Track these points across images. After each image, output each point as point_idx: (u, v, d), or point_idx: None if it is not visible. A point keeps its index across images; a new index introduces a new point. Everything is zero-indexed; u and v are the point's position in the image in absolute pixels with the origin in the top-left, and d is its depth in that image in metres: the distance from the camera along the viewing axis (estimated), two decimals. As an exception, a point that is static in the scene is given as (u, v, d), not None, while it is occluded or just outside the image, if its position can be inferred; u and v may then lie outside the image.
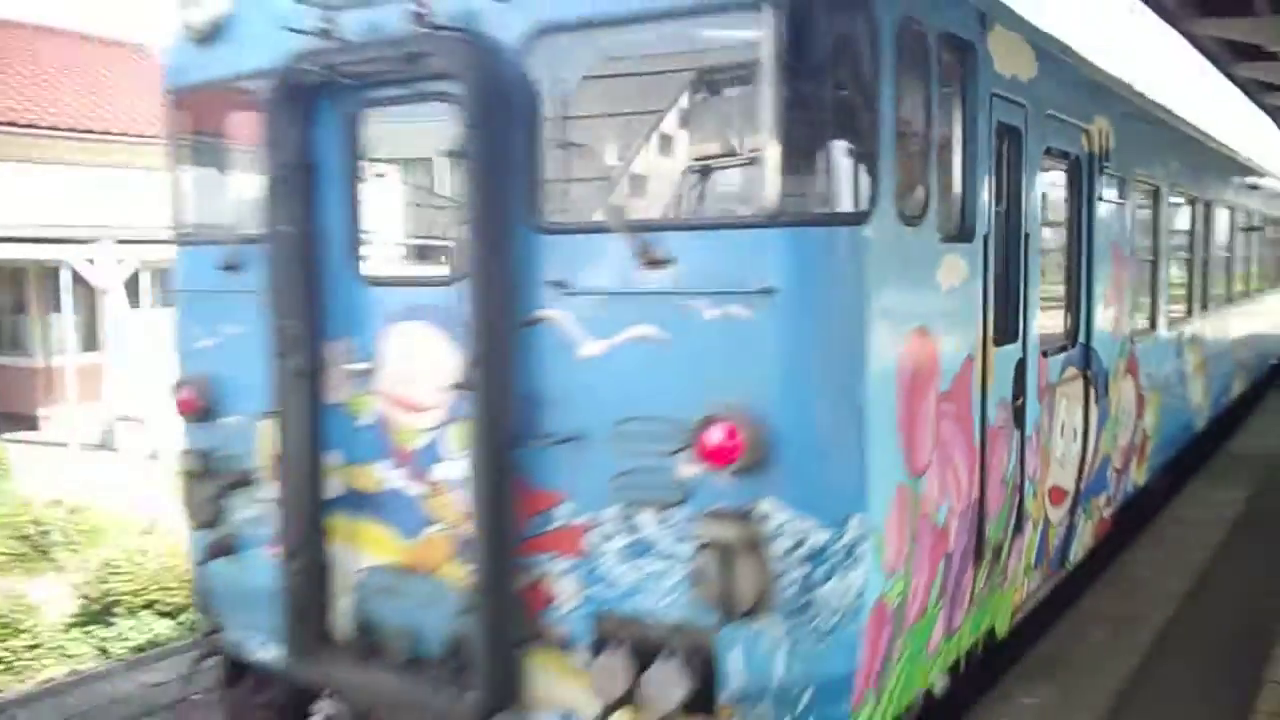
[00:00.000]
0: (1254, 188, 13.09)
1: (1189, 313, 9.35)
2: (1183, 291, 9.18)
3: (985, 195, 4.74)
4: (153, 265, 18.99)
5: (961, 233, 4.58)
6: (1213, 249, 10.39)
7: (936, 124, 4.27)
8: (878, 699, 4.08)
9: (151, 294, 19.96)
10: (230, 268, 4.80)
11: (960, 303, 4.62)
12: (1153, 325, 7.96)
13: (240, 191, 5.24)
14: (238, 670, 5.17)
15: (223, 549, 5.01)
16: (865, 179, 3.87)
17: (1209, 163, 10.24)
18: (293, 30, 4.41)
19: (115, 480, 14.91)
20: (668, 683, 3.80)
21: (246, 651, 5.05)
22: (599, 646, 4.01)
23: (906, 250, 4.14)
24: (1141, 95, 7.90)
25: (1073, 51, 6.28)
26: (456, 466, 4.26)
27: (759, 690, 3.82)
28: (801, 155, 3.76)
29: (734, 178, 4.16)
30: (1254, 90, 14.39)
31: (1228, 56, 11.99)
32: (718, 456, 3.71)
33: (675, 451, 3.81)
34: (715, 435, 3.69)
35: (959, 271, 4.56)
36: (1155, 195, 7.94)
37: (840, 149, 3.85)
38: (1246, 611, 5.95)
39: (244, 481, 4.92)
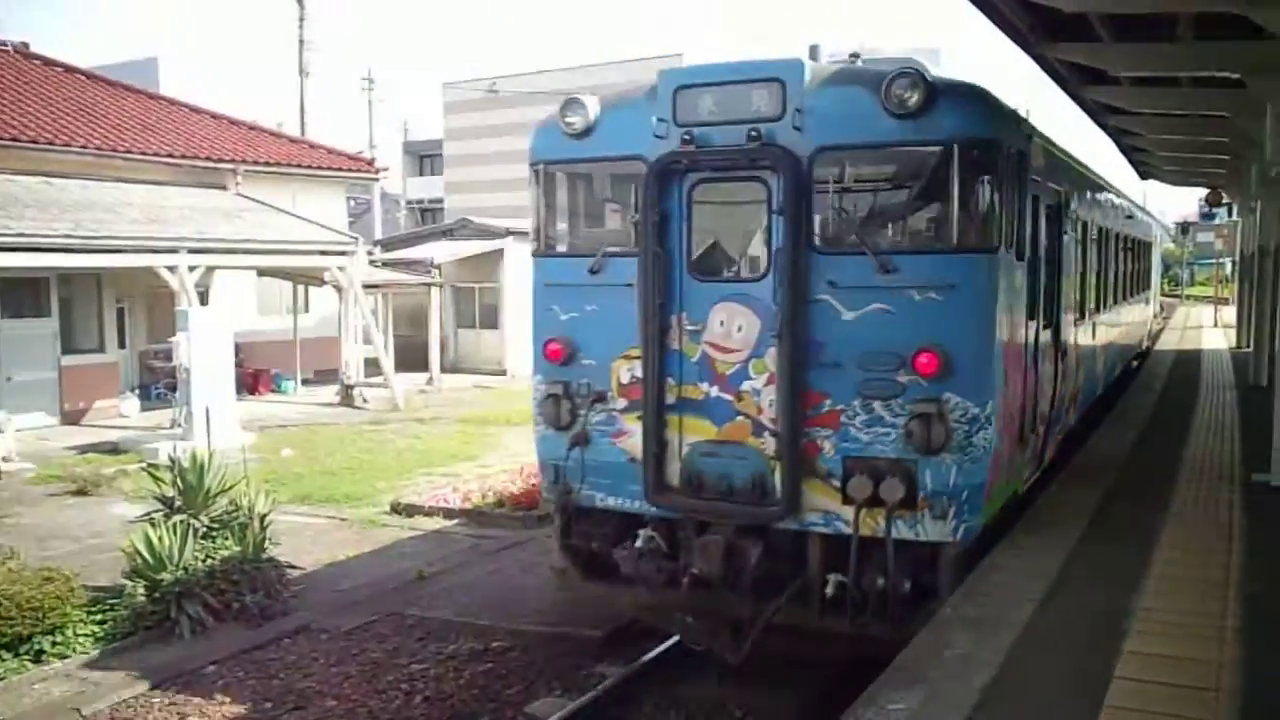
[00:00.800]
0: (1129, 217, 16.85)
1: (1098, 309, 12.75)
2: (1095, 294, 12.51)
3: (1028, 235, 7.97)
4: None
5: (1021, 256, 7.76)
6: (1108, 265, 13.71)
7: (1014, 198, 7.44)
8: (989, 502, 7.24)
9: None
10: (594, 271, 7.72)
11: (1022, 295, 7.86)
12: (1083, 316, 11.34)
13: (590, 225, 8.55)
14: (579, 514, 7.93)
15: (580, 441, 7.77)
16: (995, 228, 7.06)
17: (1106, 200, 13.52)
18: (660, 137, 7.37)
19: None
20: (892, 489, 6.83)
21: (593, 502, 7.82)
22: (847, 476, 7.00)
23: (1007, 266, 7.31)
24: (1079, 161, 11.12)
25: (1058, 145, 9.64)
26: (754, 383, 7.30)
27: (940, 492, 6.89)
28: (967, 216, 6.96)
29: (932, 227, 7.31)
30: (1098, 112, 15.12)
31: (1076, 80, 12.56)
32: (924, 370, 6.81)
33: (897, 369, 6.89)
34: (923, 360, 6.80)
35: (1021, 278, 7.79)
36: (1084, 229, 11.16)
37: (984, 213, 7.02)
38: (1098, 612, 6.21)
39: (599, 399, 7.74)
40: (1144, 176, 26.87)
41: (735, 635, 7.46)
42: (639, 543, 7.58)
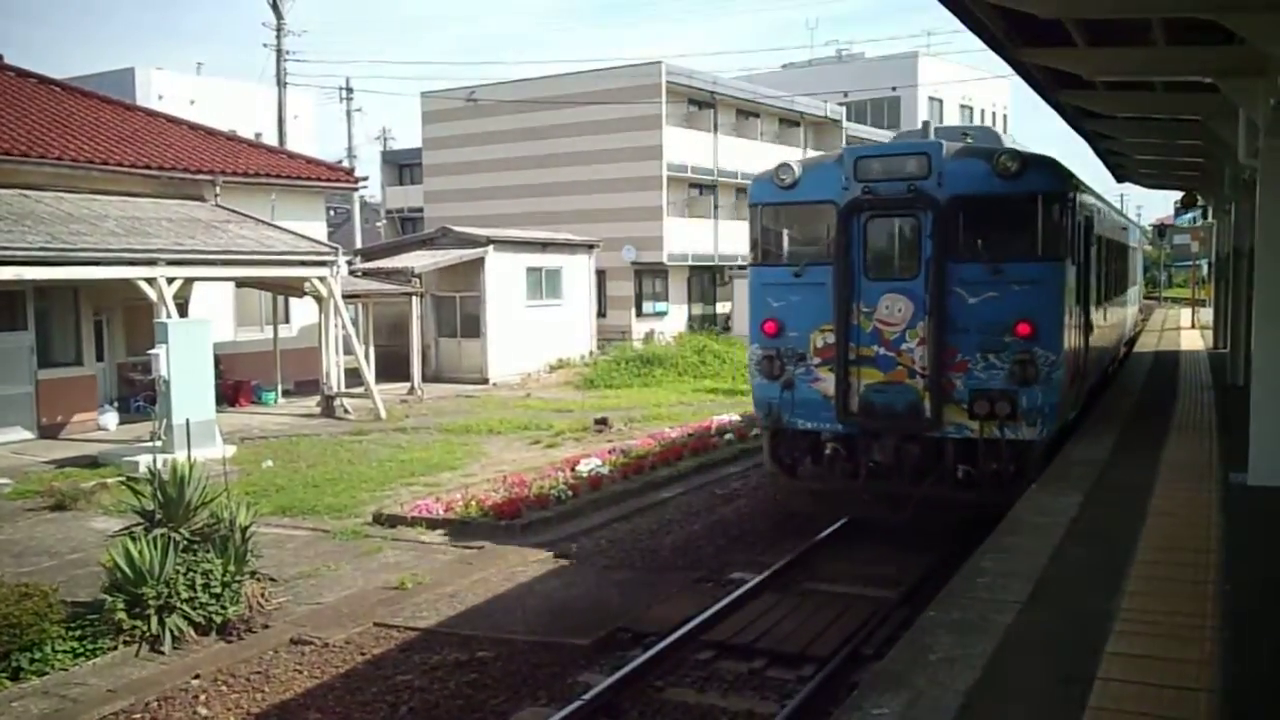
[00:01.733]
0: (1124, 229, 21.51)
1: (1107, 298, 16.24)
2: (1104, 289, 15.74)
3: (1077, 247, 11.50)
4: None
5: (1074, 262, 11.29)
6: (1111, 266, 17.00)
7: (1070, 226, 10.97)
8: (1059, 416, 11.17)
9: None
10: (797, 275, 11.47)
11: (1073, 288, 11.39)
12: (1099, 302, 14.58)
13: (795, 245, 11.90)
14: (786, 433, 11.81)
15: (787, 385, 11.49)
16: (1062, 245, 10.74)
17: (1108, 215, 16.84)
18: (845, 189, 11.06)
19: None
20: (1003, 408, 10.50)
21: (796, 425, 11.63)
22: (972, 401, 10.62)
23: (1068, 269, 10.93)
24: (1097, 193, 14.41)
25: (1088, 186, 12.88)
26: (909, 345, 10.94)
27: (1031, 408, 10.55)
28: (1046, 237, 10.67)
29: (1024, 244, 10.78)
30: (1074, 116, 15.23)
31: (1052, 84, 12.64)
32: (1021, 333, 10.45)
33: (1004, 333, 10.49)
34: (1020, 327, 10.45)
35: (1073, 277, 11.31)
36: (1099, 240, 14.24)
37: (1057, 236, 10.73)
38: (1080, 613, 6.24)
39: (800, 359, 11.45)
40: (1120, 179, 27.06)
41: (896, 506, 11.25)
42: (827, 451, 11.57)
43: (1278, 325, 9.88)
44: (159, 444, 16.47)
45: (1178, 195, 31.82)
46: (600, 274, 35.00)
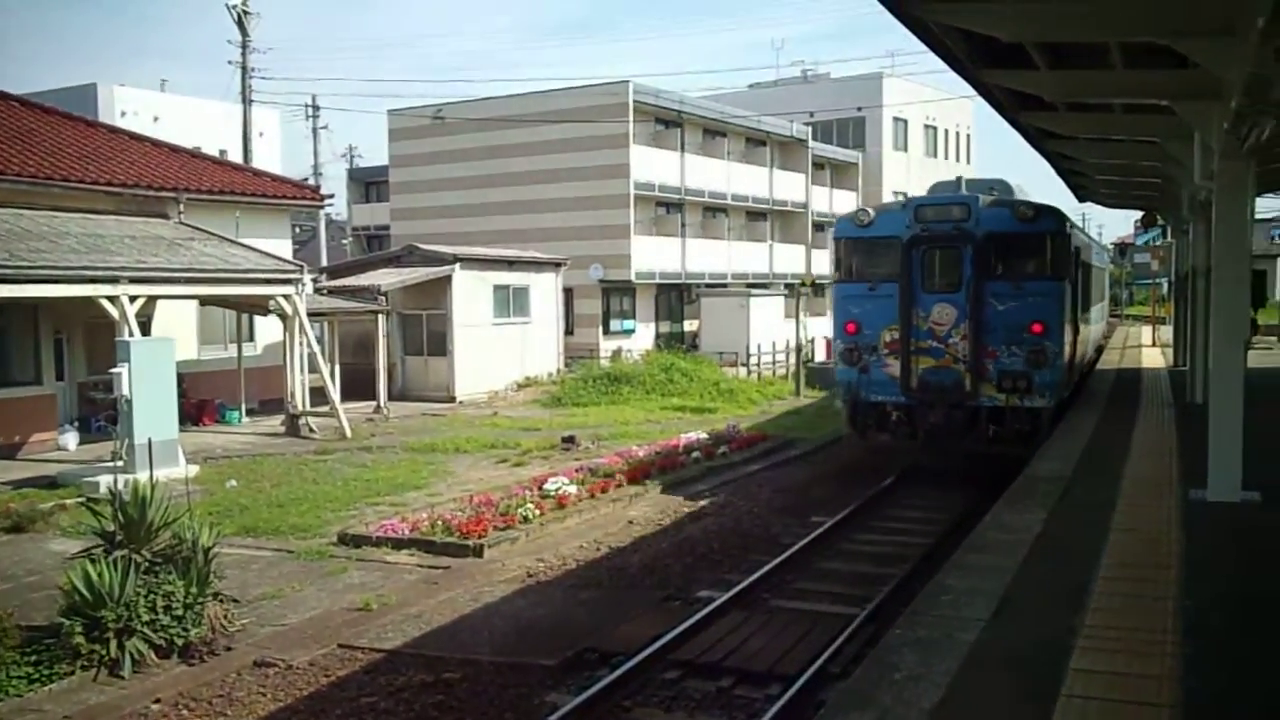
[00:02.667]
0: (1097, 253, 25.90)
1: (1087, 310, 19.97)
2: (1084, 302, 19.15)
3: (1072, 271, 16.20)
4: None
5: (1071, 282, 16.11)
6: (1088, 285, 20.23)
7: (1068, 255, 15.71)
8: (1060, 391, 15.81)
9: None
10: (871, 289, 15.87)
11: (1071, 301, 16.10)
12: (1083, 313, 18.33)
13: (870, 268, 16.06)
14: (861, 404, 16.23)
15: (863, 370, 15.91)
16: (1064, 268, 15.44)
17: (1086, 242, 20.55)
18: (908, 228, 15.55)
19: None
20: (1021, 385, 15.03)
21: (869, 399, 16.05)
22: (1000, 379, 15.11)
23: (1068, 287, 15.76)
24: (1082, 228, 18.43)
25: (1077, 224, 17.06)
26: (955, 339, 15.35)
27: (1042, 384, 15.01)
28: (1054, 264, 15.24)
29: (1038, 267, 15.27)
30: (1036, 137, 15.45)
31: (1013, 105, 12.81)
32: (1035, 331, 14.94)
33: (1023, 331, 14.94)
34: (1035, 327, 14.95)
35: (1070, 293, 16.02)
36: (1083, 265, 18.14)
37: (1060, 263, 15.33)
38: (1044, 630, 6.29)
39: (873, 350, 15.85)
40: (1081, 199, 27.46)
41: (946, 456, 15.80)
42: (893, 418, 16.04)
43: (1235, 345, 10.05)
44: (120, 464, 16.25)
45: (1139, 214, 32.33)
46: (568, 292, 34.97)
